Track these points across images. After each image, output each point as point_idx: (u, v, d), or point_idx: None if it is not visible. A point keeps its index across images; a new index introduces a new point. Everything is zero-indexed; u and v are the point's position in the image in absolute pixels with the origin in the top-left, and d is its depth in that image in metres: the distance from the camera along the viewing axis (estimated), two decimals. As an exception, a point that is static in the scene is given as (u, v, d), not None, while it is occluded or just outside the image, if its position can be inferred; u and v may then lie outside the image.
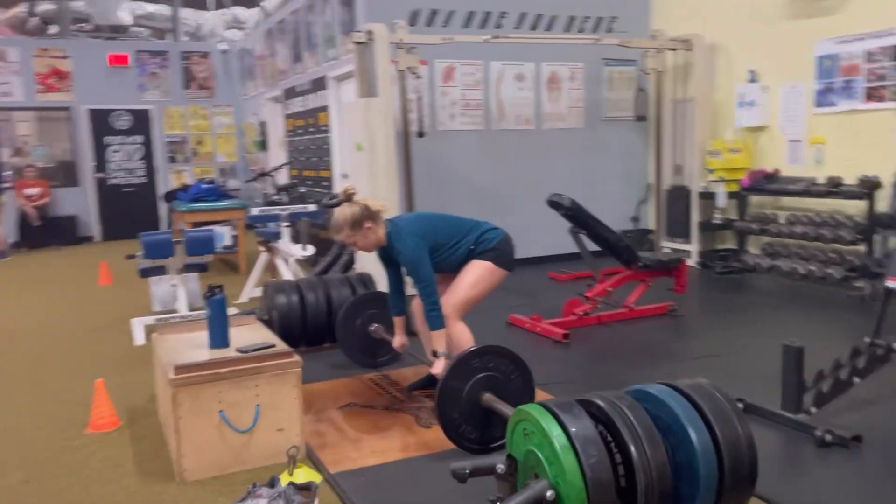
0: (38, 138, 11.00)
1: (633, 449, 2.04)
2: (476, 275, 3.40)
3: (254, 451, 2.84)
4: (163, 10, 12.22)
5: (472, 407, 2.85)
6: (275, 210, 5.81)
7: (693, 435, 2.13)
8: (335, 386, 3.81)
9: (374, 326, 4.02)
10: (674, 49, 7.05)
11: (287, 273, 6.00)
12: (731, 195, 6.67)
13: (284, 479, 2.66)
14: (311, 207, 6.08)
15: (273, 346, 3.12)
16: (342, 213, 3.19)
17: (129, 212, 11.08)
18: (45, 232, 10.45)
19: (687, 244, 7.13)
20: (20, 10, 11.64)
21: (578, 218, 4.79)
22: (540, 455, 2.08)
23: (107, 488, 2.71)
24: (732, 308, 5.52)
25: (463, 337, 3.37)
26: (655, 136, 7.32)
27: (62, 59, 10.92)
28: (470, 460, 2.24)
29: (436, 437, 3.06)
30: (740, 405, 3.21)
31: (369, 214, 3.23)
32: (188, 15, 12.42)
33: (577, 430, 2.04)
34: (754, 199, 6.66)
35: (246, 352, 3.02)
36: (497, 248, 3.44)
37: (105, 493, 2.67)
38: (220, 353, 3.00)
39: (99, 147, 11.16)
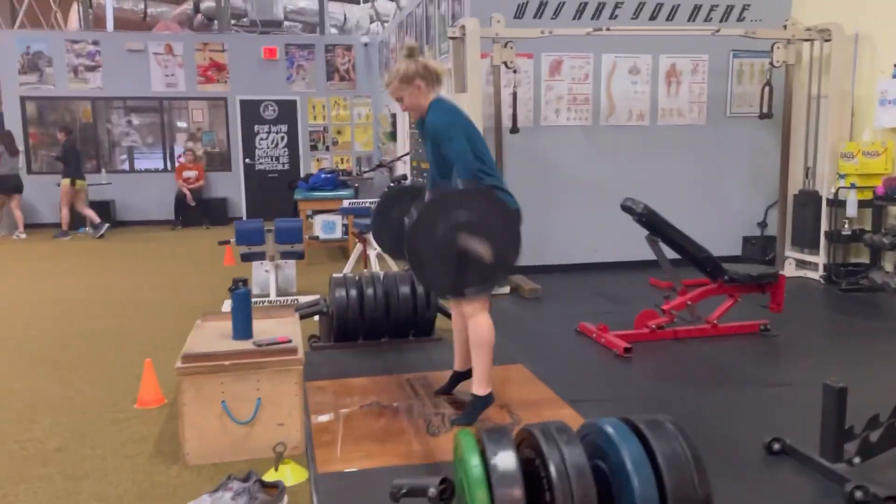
0: (203, 126, 12.05)
1: (557, 488, 1.90)
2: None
3: (254, 442, 2.95)
4: (313, 4, 12.84)
5: (446, 248, 2.77)
6: (365, 202, 5.95)
7: (635, 481, 1.94)
8: (368, 383, 3.85)
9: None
10: (808, 40, 6.39)
11: (375, 265, 6.14)
12: (865, 204, 5.97)
13: (269, 475, 2.75)
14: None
15: (290, 341, 3.22)
16: (399, 65, 3.12)
17: (272, 196, 11.82)
18: (199, 212, 11.41)
19: (814, 255, 6.48)
20: (187, 7, 12.72)
21: (654, 225, 4.50)
22: (463, 483, 2.00)
23: (119, 462, 2.93)
24: (845, 332, 4.96)
25: (484, 326, 3.18)
26: (783, 134, 6.68)
27: (220, 53, 11.81)
28: (410, 479, 2.19)
29: (440, 447, 3.02)
30: (777, 446, 2.91)
31: (425, 74, 3.12)
32: (336, 9, 12.98)
33: (497, 462, 1.93)
34: (893, 209, 5.92)
35: (260, 345, 3.14)
36: None
37: (115, 467, 2.88)
38: (237, 345, 3.14)
39: (248, 135, 11.99)
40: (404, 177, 8.18)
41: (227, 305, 5.36)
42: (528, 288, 5.96)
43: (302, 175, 11.43)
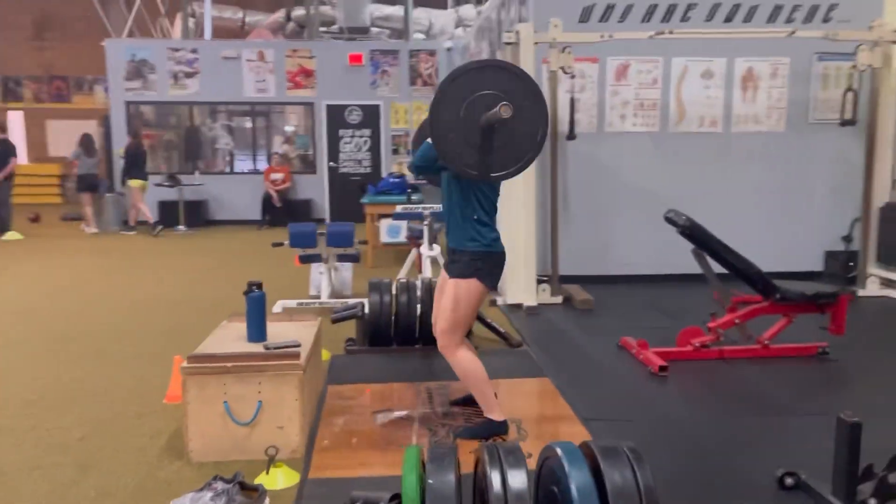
0: (298, 130, 12.52)
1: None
2: (454, 296, 3.11)
3: (254, 443, 3.02)
4: (399, 11, 13.05)
5: (470, 127, 2.69)
6: (418, 208, 5.98)
7: (578, 513, 1.86)
8: (389, 389, 3.86)
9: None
10: (897, 41, 5.93)
11: (428, 270, 6.16)
12: (956, 219, 5.47)
13: (261, 478, 2.81)
14: (435, 208, 6.16)
15: (298, 346, 3.28)
16: None
17: (354, 199, 12.05)
18: (285, 212, 11.81)
19: (901, 273, 6.00)
20: (279, 15, 13.20)
21: (698, 239, 4.29)
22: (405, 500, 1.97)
23: (129, 455, 3.07)
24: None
25: (465, 364, 3.17)
26: (867, 142, 6.22)
27: (308, 59, 12.19)
28: (367, 492, 2.19)
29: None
30: (790, 480, 2.72)
31: None
32: (421, 15, 13.12)
33: (434, 482, 1.90)
34: None
35: (269, 348, 3.22)
36: (482, 261, 3.10)
37: (125, 460, 3.03)
38: (248, 347, 3.23)
39: (333, 139, 12.31)
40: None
41: (279, 306, 5.51)
42: (580, 299, 5.81)
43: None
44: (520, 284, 5.73)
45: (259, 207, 11.94)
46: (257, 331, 3.36)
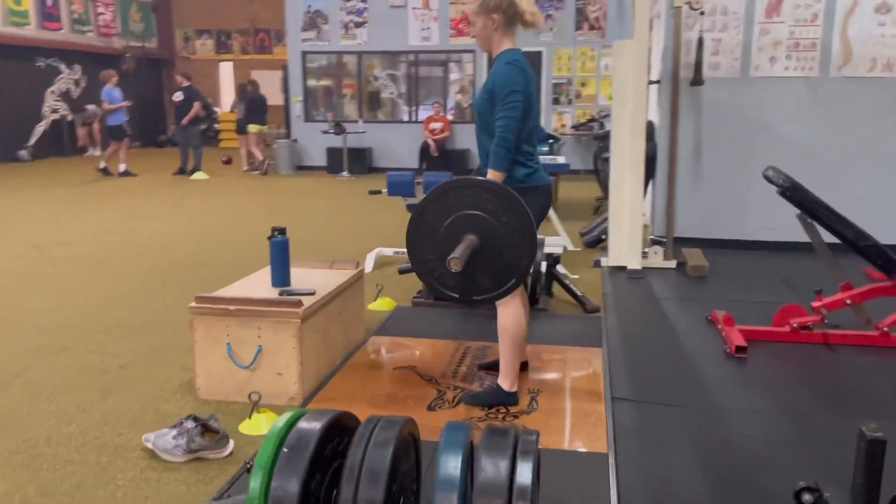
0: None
1: (344, 487, 1.69)
2: None
3: (254, 386, 3.03)
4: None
5: (450, 251, 2.52)
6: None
7: (437, 497, 1.64)
8: (426, 346, 3.73)
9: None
10: None
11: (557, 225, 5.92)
12: None
13: (244, 424, 2.83)
14: (561, 160, 5.77)
15: (313, 293, 3.25)
16: None
17: (511, 149, 11.85)
18: (441, 161, 11.89)
19: None
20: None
21: (802, 203, 3.63)
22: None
23: (152, 387, 3.23)
24: None
25: (511, 315, 2.90)
26: None
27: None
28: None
29: (427, 423, 2.84)
30: (808, 497, 2.26)
31: (507, 9, 2.85)
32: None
33: (287, 450, 1.75)
34: None
35: (282, 294, 3.22)
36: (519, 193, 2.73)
37: (144, 391, 3.19)
38: (264, 292, 3.25)
39: (493, 87, 12.09)
40: (604, 134, 7.59)
41: (373, 254, 5.54)
42: (693, 265, 5.23)
43: (549, 130, 11.31)
44: (623, 246, 5.27)
45: (417, 156, 12.12)
46: (280, 276, 3.36)
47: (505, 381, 3.00)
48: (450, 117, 12.50)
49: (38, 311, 4.37)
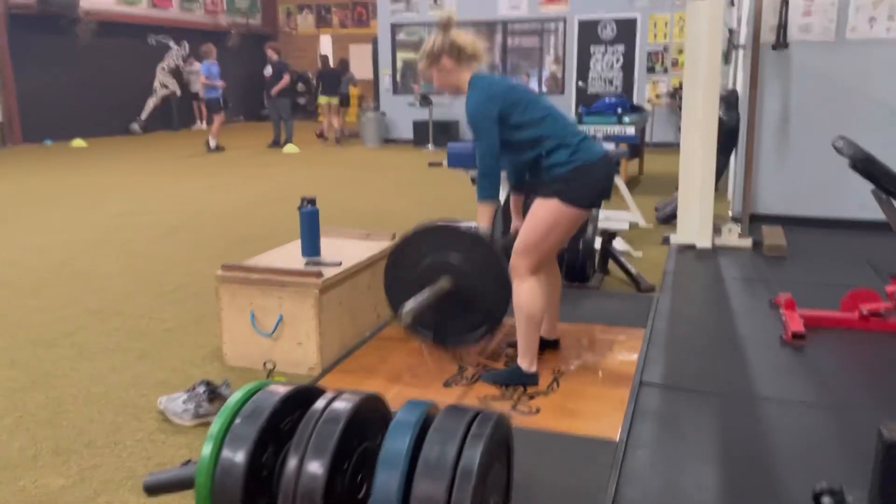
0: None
1: (289, 460, 1.65)
2: (539, 217, 2.73)
3: (276, 355, 3.06)
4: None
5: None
6: (589, 131, 5.44)
7: (378, 477, 1.58)
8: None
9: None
10: None
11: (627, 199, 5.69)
12: None
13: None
14: (630, 131, 5.48)
15: (340, 263, 3.23)
16: (429, 40, 2.86)
17: (600, 121, 11.47)
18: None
19: None
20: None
21: (875, 177, 3.27)
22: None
23: (186, 352, 3.31)
24: None
25: (527, 294, 2.75)
26: None
27: (565, -28, 11.61)
28: (171, 471, 1.99)
29: (440, 398, 2.78)
30: (828, 500, 2.07)
31: (451, 51, 2.78)
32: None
33: (236, 425, 1.71)
34: None
35: (308, 264, 3.22)
36: (567, 179, 2.67)
37: (178, 355, 3.28)
38: (290, 262, 3.26)
39: (583, 56, 11.71)
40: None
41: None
42: (769, 244, 4.88)
43: (643, 99, 10.92)
44: (693, 223, 4.97)
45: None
46: (310, 246, 3.36)
47: (524, 361, 2.88)
48: (544, 89, 12.24)
49: (106, 276, 4.59)
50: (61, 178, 8.89)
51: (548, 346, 3.25)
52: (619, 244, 5.07)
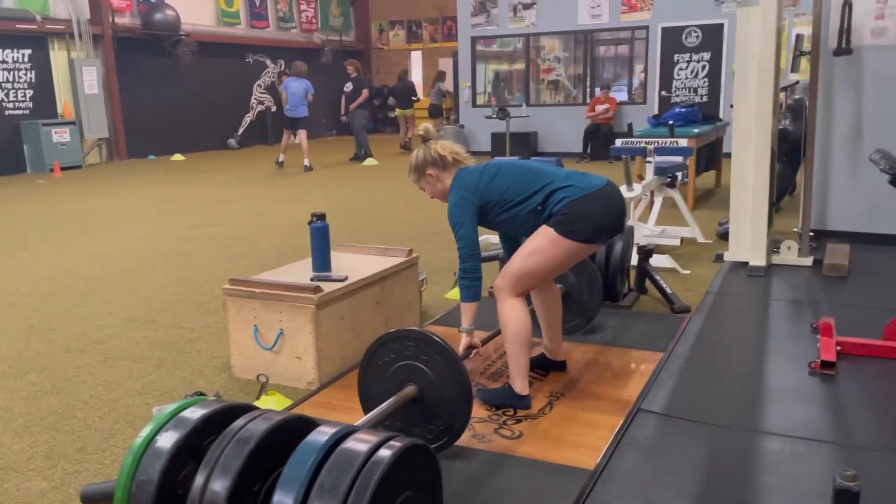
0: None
1: (196, 478, 1.66)
2: (533, 244, 2.70)
3: (278, 369, 3.12)
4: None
5: (392, 392, 2.45)
6: (640, 143, 5.25)
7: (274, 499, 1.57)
8: (475, 337, 3.57)
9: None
10: None
11: (654, 214, 5.43)
12: None
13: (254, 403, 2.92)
14: (682, 143, 5.23)
15: (345, 279, 3.25)
16: (413, 155, 2.97)
17: (684, 131, 11.06)
18: (607, 145, 11.39)
19: None
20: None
21: (916, 191, 2.99)
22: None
23: (201, 362, 3.42)
24: None
25: (511, 317, 2.73)
26: None
27: (647, -22, 11.31)
28: (107, 483, 2.01)
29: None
30: None
31: (434, 161, 2.88)
32: (786, -88, 11.03)
33: (156, 441, 1.74)
34: None
35: (314, 279, 3.26)
36: (563, 213, 2.63)
37: (192, 366, 3.38)
38: (295, 276, 3.30)
39: (666, 65, 11.34)
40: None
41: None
42: (830, 263, 4.54)
43: (728, 108, 10.44)
44: (745, 240, 4.69)
45: (581, 140, 11.72)
46: (320, 261, 3.40)
47: (515, 383, 2.80)
48: (634, 98, 11.97)
49: (156, 286, 4.82)
50: (149, 192, 9.43)
51: (553, 368, 3.16)
52: (666, 261, 4.87)
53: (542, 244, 2.68)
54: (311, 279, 3.26)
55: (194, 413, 1.79)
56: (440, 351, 2.38)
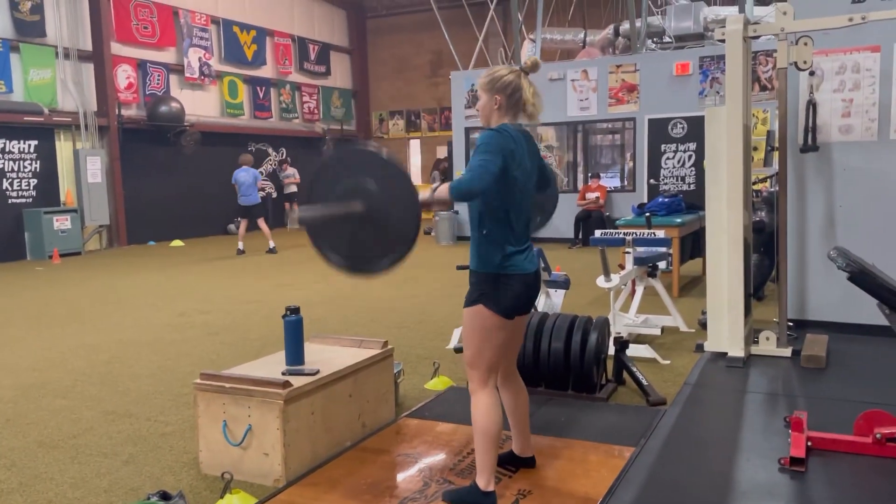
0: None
1: None
2: (466, 328, 2.76)
3: (246, 465, 3.11)
4: (736, 11, 11.72)
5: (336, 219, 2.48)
6: (619, 233, 5.36)
7: None
8: (454, 431, 3.56)
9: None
10: None
11: (635, 303, 5.49)
12: None
13: (216, 503, 2.90)
14: (660, 234, 5.34)
15: (316, 372, 3.28)
16: (503, 71, 2.79)
17: (674, 218, 11.24)
18: (590, 230, 11.54)
19: None
20: (608, 31, 12.94)
21: (873, 290, 3.05)
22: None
23: (170, 456, 3.42)
24: None
25: (481, 411, 2.72)
26: None
27: (632, 73, 11.75)
28: None
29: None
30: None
31: (510, 94, 2.75)
32: (764, 13, 11.57)
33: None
34: None
35: (285, 373, 3.29)
36: (491, 282, 2.68)
37: (162, 459, 3.38)
38: (265, 370, 3.33)
39: (654, 154, 11.64)
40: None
41: (456, 333, 5.47)
42: (807, 354, 4.56)
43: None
44: (723, 330, 4.73)
45: (571, 226, 11.90)
46: (293, 354, 3.44)
47: (481, 479, 2.79)
48: (625, 184, 12.25)
49: (137, 376, 4.83)
50: (143, 278, 9.53)
51: (521, 464, 3.15)
52: (646, 351, 4.90)
53: (477, 323, 2.74)
54: (283, 373, 3.29)
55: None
56: (383, 163, 2.41)
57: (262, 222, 11.71)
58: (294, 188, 17.27)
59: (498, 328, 2.74)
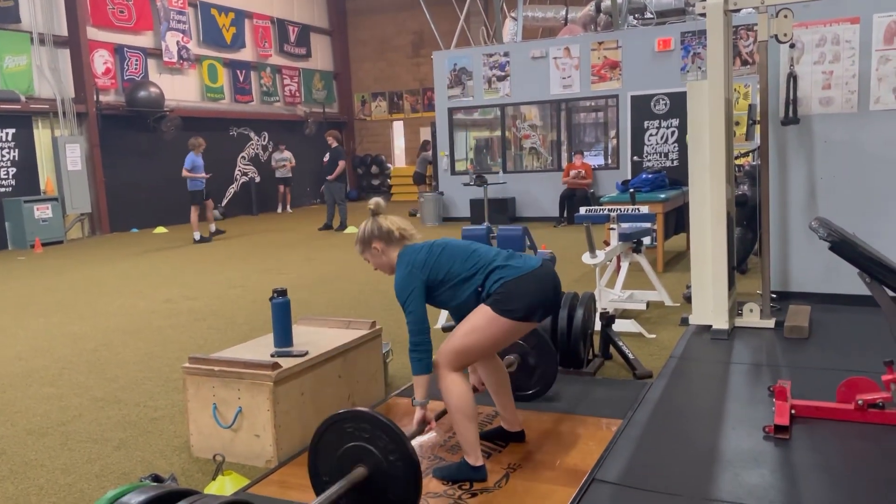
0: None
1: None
2: (472, 322, 2.78)
3: (237, 447, 3.13)
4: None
5: (343, 472, 2.47)
6: (604, 210, 5.38)
7: None
8: (439, 408, 3.59)
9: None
10: None
11: (620, 279, 5.53)
12: None
13: (209, 486, 2.91)
14: (644, 209, 5.38)
15: (305, 353, 3.29)
16: (360, 227, 3.03)
17: (657, 194, 11.29)
18: (575, 208, 11.60)
19: None
20: (589, 8, 12.91)
21: (854, 259, 3.09)
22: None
23: (161, 440, 3.42)
24: None
25: (452, 391, 2.79)
26: None
27: (614, 50, 11.74)
28: None
29: None
30: None
31: (380, 235, 2.93)
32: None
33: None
34: None
35: (273, 355, 3.30)
36: (499, 292, 2.73)
37: (153, 444, 3.38)
38: (254, 353, 3.34)
39: (637, 131, 11.66)
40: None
41: (443, 315, 5.49)
42: (789, 325, 4.62)
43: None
44: (707, 303, 4.78)
45: (557, 204, 11.93)
46: (281, 336, 3.44)
47: (469, 456, 2.82)
48: (609, 162, 12.25)
49: (125, 363, 4.82)
50: (126, 265, 9.47)
51: (511, 439, 3.18)
52: (632, 325, 4.94)
53: (480, 322, 2.75)
54: (272, 355, 3.30)
55: (133, 499, 1.82)
56: (386, 430, 2.41)
57: (208, 207, 11.98)
58: (289, 173, 17.15)
59: (505, 332, 2.76)
